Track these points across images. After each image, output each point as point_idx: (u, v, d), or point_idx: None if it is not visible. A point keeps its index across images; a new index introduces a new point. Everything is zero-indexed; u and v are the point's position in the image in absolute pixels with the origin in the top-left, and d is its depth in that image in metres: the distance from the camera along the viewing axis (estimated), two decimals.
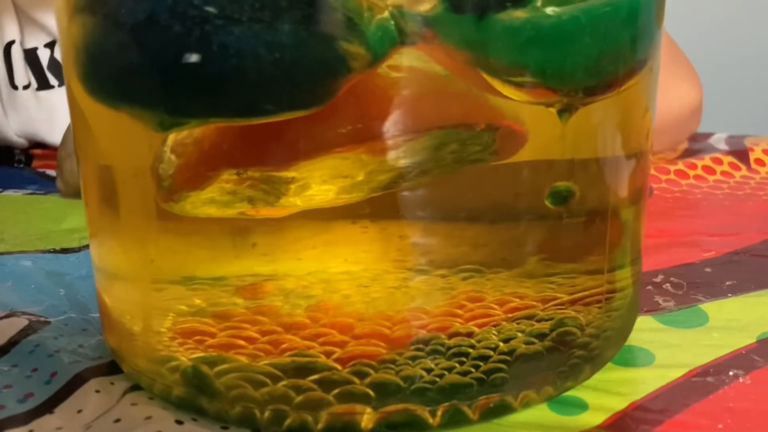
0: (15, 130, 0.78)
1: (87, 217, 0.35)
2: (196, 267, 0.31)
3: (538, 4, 0.27)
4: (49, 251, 0.48)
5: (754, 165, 0.66)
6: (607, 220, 0.33)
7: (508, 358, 0.31)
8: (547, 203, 0.31)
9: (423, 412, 0.30)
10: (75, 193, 0.61)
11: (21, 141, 0.80)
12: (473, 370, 0.30)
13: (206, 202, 0.29)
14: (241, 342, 0.30)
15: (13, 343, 0.37)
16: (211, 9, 0.26)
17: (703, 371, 0.34)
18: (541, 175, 0.31)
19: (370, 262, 0.30)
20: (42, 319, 0.39)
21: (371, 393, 0.30)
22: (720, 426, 0.31)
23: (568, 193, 0.31)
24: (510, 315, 0.31)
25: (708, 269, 0.45)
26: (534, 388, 0.32)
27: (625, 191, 0.33)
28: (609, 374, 0.34)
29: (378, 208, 0.29)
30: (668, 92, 0.66)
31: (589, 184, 0.32)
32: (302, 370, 0.30)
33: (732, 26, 1.32)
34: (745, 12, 1.32)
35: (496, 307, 0.31)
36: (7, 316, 0.39)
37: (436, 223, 0.30)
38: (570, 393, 0.33)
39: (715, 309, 0.40)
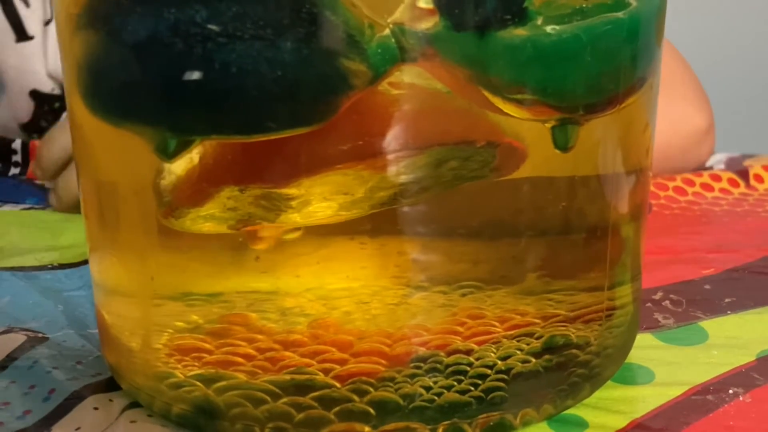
0: (50, 69, 0.77)
1: (87, 232, 0.35)
2: (197, 283, 0.31)
3: (539, 22, 0.28)
4: (47, 267, 0.48)
5: (753, 181, 0.65)
6: (607, 237, 0.33)
7: (506, 376, 0.31)
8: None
9: (423, 430, 0.30)
10: (69, 209, 0.61)
11: (51, 84, 0.78)
12: (472, 388, 0.30)
13: (207, 218, 0.29)
14: (240, 359, 0.30)
15: (11, 359, 0.37)
16: (213, 27, 0.26)
17: (703, 389, 0.34)
18: (542, 191, 0.31)
19: (370, 278, 0.30)
20: (40, 335, 0.39)
21: (371, 411, 0.30)
22: None
23: (565, 339, 0.31)
24: (510, 332, 0.31)
25: (707, 286, 0.45)
26: (534, 407, 0.32)
27: (625, 207, 0.33)
28: (609, 392, 0.34)
29: (378, 224, 0.29)
30: (675, 116, 0.66)
31: (589, 200, 0.32)
32: (301, 388, 0.30)
33: (730, 46, 1.32)
34: (743, 34, 1.33)
35: (496, 324, 0.31)
36: (5, 332, 0.39)
37: (436, 239, 0.30)
38: (570, 411, 0.33)
39: (714, 326, 0.40)
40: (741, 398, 0.33)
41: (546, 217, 0.31)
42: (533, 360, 0.31)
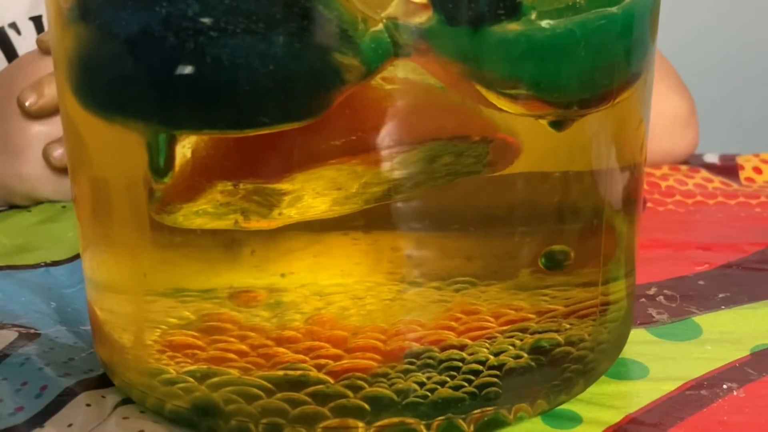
0: None
1: (79, 230, 0.35)
2: (189, 279, 0.31)
3: (533, 17, 0.27)
4: (40, 265, 0.48)
5: (744, 183, 0.65)
6: (601, 233, 0.33)
7: (499, 372, 0.31)
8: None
9: (418, 425, 0.30)
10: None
11: None
12: (465, 384, 0.30)
13: (199, 213, 0.29)
14: (233, 356, 0.30)
15: (3, 356, 0.36)
16: (205, 20, 0.26)
17: (697, 384, 0.34)
18: (535, 187, 0.31)
19: (364, 274, 0.29)
20: (32, 331, 0.39)
21: (366, 406, 0.29)
22: None
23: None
24: (504, 328, 0.30)
25: (701, 282, 0.45)
26: (527, 402, 0.32)
27: (619, 203, 0.33)
28: (603, 387, 0.34)
29: (371, 220, 0.29)
30: (659, 100, 0.66)
31: (583, 196, 0.32)
32: (295, 384, 0.30)
33: (720, 47, 1.32)
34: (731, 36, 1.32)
35: (490, 319, 0.30)
36: None
37: (430, 235, 0.29)
38: (564, 406, 0.33)
39: (708, 321, 0.40)
40: (735, 393, 0.33)
41: (540, 213, 0.31)
42: (526, 356, 0.31)
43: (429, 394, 0.30)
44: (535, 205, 0.31)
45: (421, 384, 0.30)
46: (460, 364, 0.30)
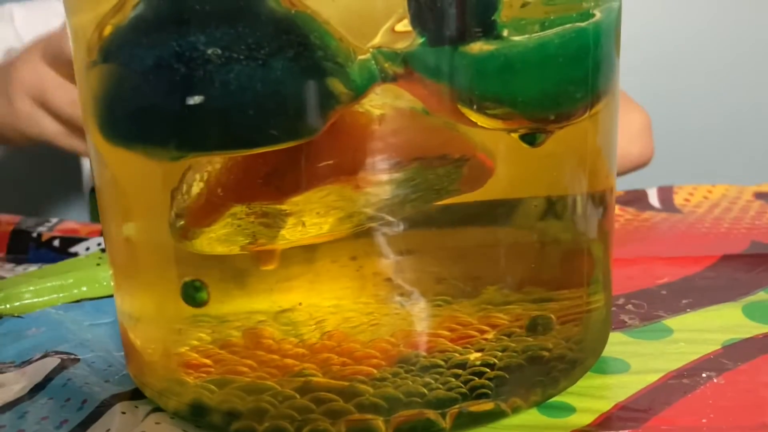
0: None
1: (110, 259, 0.32)
2: (207, 308, 0.28)
3: (506, 34, 0.25)
4: (76, 302, 0.45)
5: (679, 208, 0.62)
6: (583, 253, 0.30)
7: (488, 373, 0.28)
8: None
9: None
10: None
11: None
12: (462, 385, 0.28)
13: (217, 239, 0.27)
14: (247, 369, 0.28)
15: (48, 379, 0.35)
16: (212, 52, 0.24)
17: (678, 374, 0.32)
18: (524, 212, 0.29)
19: (363, 290, 0.27)
20: (72, 357, 0.36)
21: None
22: (704, 420, 0.28)
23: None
24: (495, 334, 0.28)
25: (664, 292, 0.43)
26: (520, 398, 0.29)
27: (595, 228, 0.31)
28: (590, 381, 0.32)
29: (365, 237, 0.27)
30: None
31: (568, 220, 0.30)
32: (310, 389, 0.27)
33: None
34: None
35: (485, 327, 0.28)
36: (42, 357, 0.37)
37: (422, 252, 0.27)
38: (556, 399, 0.30)
39: (677, 323, 0.37)
40: (715, 380, 0.31)
41: (528, 236, 0.29)
42: (518, 358, 0.28)
43: (427, 392, 0.27)
44: (527, 231, 0.29)
45: (425, 387, 0.27)
46: (461, 371, 0.28)
